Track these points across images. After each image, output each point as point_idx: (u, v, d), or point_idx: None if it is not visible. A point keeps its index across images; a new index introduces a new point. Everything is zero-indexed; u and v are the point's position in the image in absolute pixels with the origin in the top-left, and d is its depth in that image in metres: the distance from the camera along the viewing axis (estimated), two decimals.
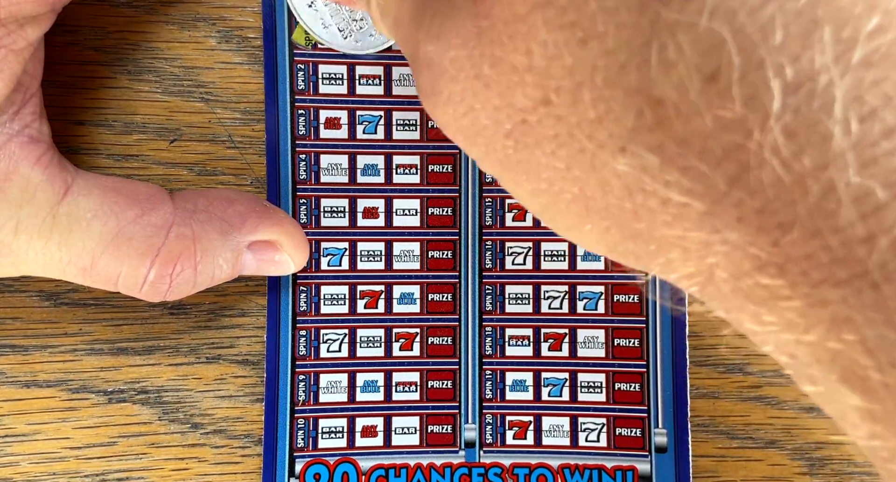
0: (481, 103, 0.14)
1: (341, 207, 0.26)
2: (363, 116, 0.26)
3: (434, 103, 0.16)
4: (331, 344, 0.26)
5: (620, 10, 0.12)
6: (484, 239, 0.27)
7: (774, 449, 0.27)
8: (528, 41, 0.13)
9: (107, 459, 0.26)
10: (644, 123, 0.12)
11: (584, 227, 0.14)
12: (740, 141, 0.11)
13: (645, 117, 0.12)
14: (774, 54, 0.11)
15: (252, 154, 0.26)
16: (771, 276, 0.12)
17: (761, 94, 0.11)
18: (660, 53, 0.11)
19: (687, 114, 0.11)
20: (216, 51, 0.26)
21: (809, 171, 0.11)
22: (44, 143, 0.22)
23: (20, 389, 0.26)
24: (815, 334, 0.12)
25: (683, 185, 0.12)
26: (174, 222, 0.23)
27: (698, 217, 0.12)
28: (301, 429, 0.26)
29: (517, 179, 0.15)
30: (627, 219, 0.13)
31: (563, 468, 0.26)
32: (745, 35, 0.11)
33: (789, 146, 0.11)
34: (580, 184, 0.13)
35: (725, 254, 0.12)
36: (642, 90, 0.12)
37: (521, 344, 0.27)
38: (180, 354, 0.26)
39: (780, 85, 0.11)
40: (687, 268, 0.13)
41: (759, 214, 0.11)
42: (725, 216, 0.12)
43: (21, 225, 0.21)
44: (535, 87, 0.13)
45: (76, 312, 0.26)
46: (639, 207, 0.13)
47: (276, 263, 0.25)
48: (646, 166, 0.12)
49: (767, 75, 0.11)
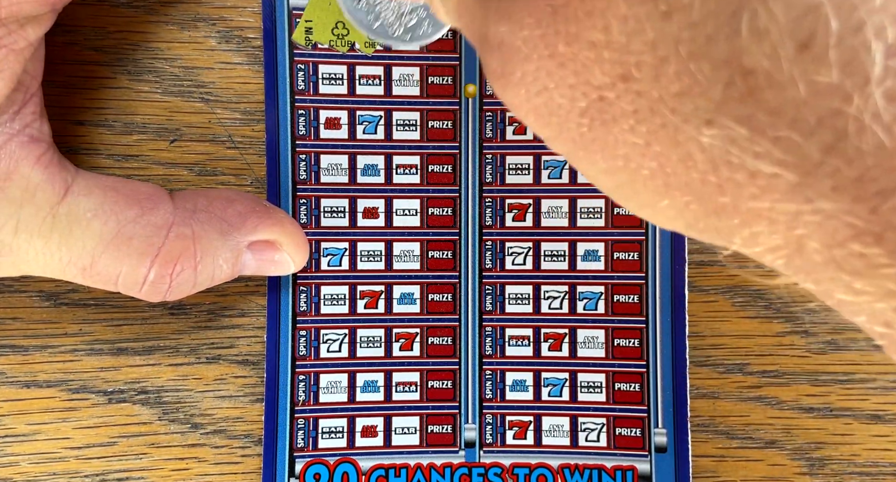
0: (556, 82, 0.14)
1: (341, 207, 0.26)
2: (363, 116, 0.26)
3: (505, 84, 0.16)
4: (331, 344, 0.26)
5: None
6: (484, 239, 0.27)
7: (774, 449, 0.27)
8: (606, 17, 0.13)
9: (107, 459, 0.26)
10: (733, 94, 0.12)
11: (661, 204, 0.14)
12: (838, 107, 0.11)
13: (734, 88, 0.12)
14: (875, 15, 0.10)
15: (252, 154, 0.26)
16: (867, 245, 0.11)
17: (861, 57, 0.10)
18: (751, 21, 0.11)
19: (780, 82, 0.11)
20: (216, 51, 0.26)
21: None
22: (44, 143, 0.22)
23: (20, 389, 0.26)
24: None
25: (774, 155, 0.12)
26: (174, 222, 0.23)
27: (789, 188, 0.12)
28: (301, 429, 0.26)
29: (591, 158, 0.15)
30: (711, 193, 0.13)
31: (563, 468, 0.26)
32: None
33: (891, 109, 0.10)
34: (660, 159, 0.13)
35: (818, 225, 0.12)
36: (732, 60, 0.11)
37: (521, 344, 0.27)
38: (180, 354, 0.26)
39: (881, 47, 0.10)
40: (774, 240, 0.13)
41: (856, 182, 0.11)
42: (819, 186, 0.11)
43: (21, 224, 0.21)
44: (613, 63, 0.13)
45: (76, 312, 0.26)
46: (724, 181, 0.12)
47: (276, 263, 0.25)
48: (734, 138, 0.12)
49: (867, 38, 0.10)
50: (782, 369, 0.27)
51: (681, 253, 0.27)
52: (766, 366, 0.27)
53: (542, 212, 0.27)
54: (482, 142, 0.27)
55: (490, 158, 0.27)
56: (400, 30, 0.25)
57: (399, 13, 0.25)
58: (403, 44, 0.26)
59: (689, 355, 0.27)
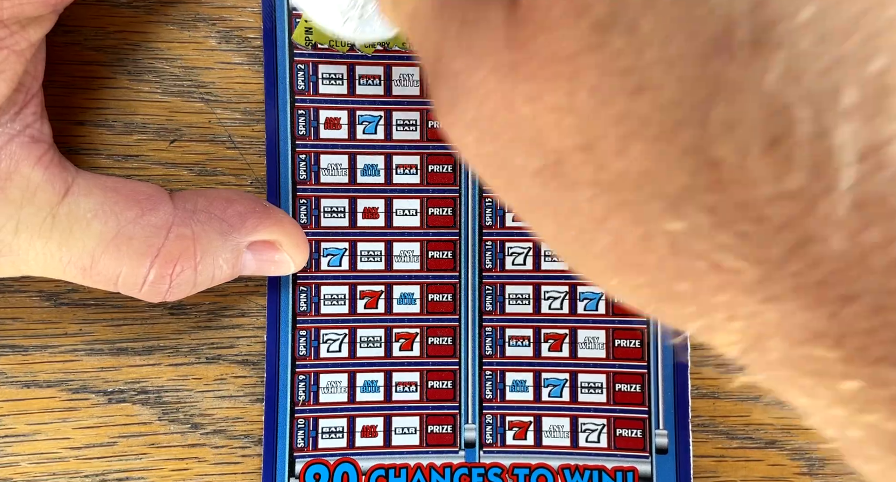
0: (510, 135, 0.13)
1: (341, 207, 0.26)
2: (363, 116, 0.26)
3: (452, 123, 0.14)
4: (331, 344, 0.26)
5: (682, 62, 0.11)
6: (484, 239, 0.27)
7: (774, 449, 0.27)
8: (572, 83, 0.12)
9: (107, 459, 0.26)
10: (699, 183, 0.11)
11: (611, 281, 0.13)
12: (803, 211, 0.10)
13: (700, 177, 0.11)
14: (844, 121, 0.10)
15: (252, 154, 0.26)
16: (826, 348, 0.11)
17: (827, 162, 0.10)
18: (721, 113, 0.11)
19: (745, 179, 0.11)
20: (216, 51, 0.26)
21: (877, 246, 0.10)
22: (45, 143, 0.22)
23: (20, 389, 0.26)
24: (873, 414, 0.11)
25: (739, 250, 0.11)
26: (174, 222, 0.23)
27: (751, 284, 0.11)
28: (301, 429, 0.26)
29: (541, 221, 0.14)
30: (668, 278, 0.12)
31: (563, 468, 0.26)
32: (814, 99, 0.10)
33: (856, 219, 0.10)
34: (616, 235, 0.13)
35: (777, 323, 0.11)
36: (699, 149, 0.11)
37: (521, 344, 0.27)
38: (180, 354, 0.26)
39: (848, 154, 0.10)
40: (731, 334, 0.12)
41: (818, 285, 0.11)
42: (781, 285, 0.11)
43: (21, 224, 0.21)
44: (575, 131, 0.12)
45: (76, 312, 0.26)
46: (684, 268, 0.12)
47: (276, 263, 0.25)
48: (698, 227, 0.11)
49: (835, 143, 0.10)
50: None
51: None
52: None
53: None
54: None
55: None
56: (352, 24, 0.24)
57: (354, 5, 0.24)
58: (355, 39, 0.25)
59: (689, 355, 0.27)
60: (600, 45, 0.11)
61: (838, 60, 0.10)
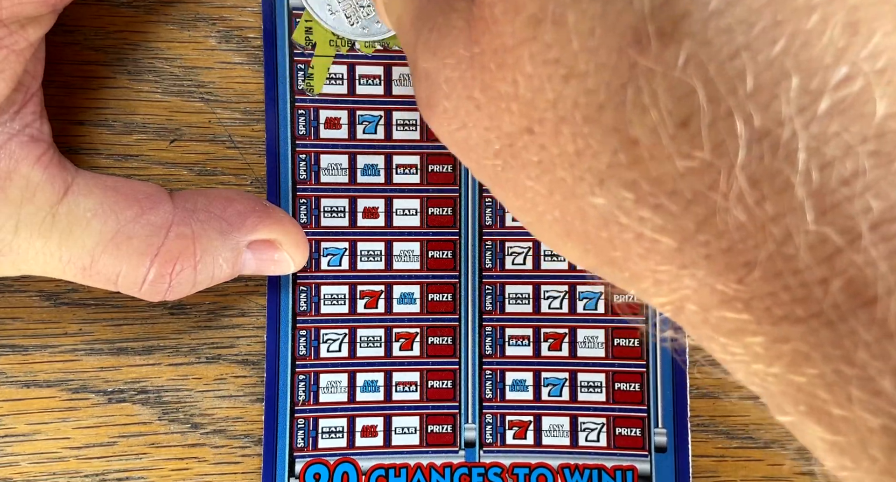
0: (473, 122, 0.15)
1: (341, 207, 0.26)
2: (363, 116, 0.26)
3: (430, 115, 0.16)
4: (331, 344, 0.26)
5: (601, 51, 0.12)
6: (484, 239, 0.27)
7: (774, 449, 0.27)
8: (514, 72, 0.13)
9: (107, 459, 0.26)
10: (620, 161, 0.12)
11: (565, 246, 0.15)
12: (709, 185, 0.11)
13: (620, 156, 0.12)
14: (743, 104, 0.11)
15: (252, 154, 0.26)
16: (737, 311, 0.12)
17: (728, 142, 0.11)
18: (635, 97, 0.12)
19: (659, 156, 0.12)
20: (216, 51, 0.26)
21: (771, 218, 0.11)
22: (44, 143, 0.22)
23: (20, 389, 0.26)
24: (778, 367, 0.12)
25: (655, 222, 0.12)
26: (174, 222, 0.23)
27: (669, 252, 0.12)
28: (301, 429, 0.26)
29: (505, 195, 0.16)
30: (604, 247, 0.14)
31: (563, 468, 0.26)
32: (716, 84, 0.11)
33: (753, 194, 0.11)
34: (560, 208, 0.14)
35: (695, 289, 0.13)
36: (619, 130, 0.12)
37: (521, 344, 0.27)
38: (180, 354, 0.26)
39: (746, 134, 0.11)
40: (659, 297, 0.14)
41: (725, 254, 0.12)
42: (694, 253, 0.12)
43: (21, 224, 0.21)
44: (520, 115, 0.14)
45: (76, 312, 0.26)
46: (614, 238, 0.13)
47: (276, 263, 0.25)
48: (621, 202, 0.13)
49: (735, 124, 0.11)
50: None
51: None
52: None
53: None
54: None
55: None
56: (357, 23, 0.25)
57: (357, 6, 0.25)
58: (361, 38, 0.26)
59: (688, 355, 0.27)
60: (533, 37, 0.13)
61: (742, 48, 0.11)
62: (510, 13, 0.13)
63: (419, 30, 0.16)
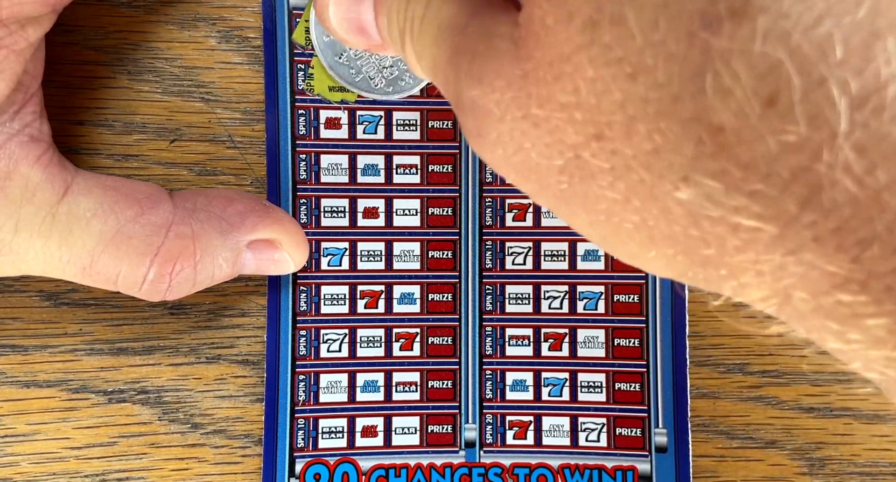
0: (531, 142, 0.15)
1: (341, 207, 0.26)
2: (363, 116, 0.26)
3: (482, 144, 0.16)
4: (331, 344, 0.26)
5: (668, 41, 0.12)
6: (484, 239, 0.27)
7: (774, 449, 0.27)
8: (574, 80, 0.13)
9: (107, 459, 0.26)
10: (704, 151, 0.12)
11: (648, 255, 0.14)
12: (809, 161, 0.11)
13: (705, 145, 0.12)
14: (836, 70, 0.10)
15: (252, 154, 0.26)
16: (853, 293, 0.11)
17: (826, 112, 0.10)
18: (715, 81, 0.11)
19: (749, 139, 0.11)
20: (216, 51, 0.26)
21: (885, 186, 0.10)
22: (44, 143, 0.22)
23: (20, 389, 0.26)
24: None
25: (752, 210, 0.12)
26: (174, 221, 0.23)
27: (770, 240, 0.12)
28: (301, 429, 0.26)
29: (574, 211, 0.15)
30: (694, 246, 0.13)
31: (563, 468, 0.26)
32: (803, 54, 0.10)
33: (861, 163, 0.10)
34: (641, 214, 0.13)
35: (802, 275, 0.12)
36: (700, 119, 0.12)
37: (521, 344, 0.27)
38: (180, 354, 0.26)
39: (845, 101, 0.10)
40: (762, 290, 0.13)
41: (835, 233, 0.11)
42: (799, 237, 0.12)
43: (21, 224, 0.21)
44: (585, 123, 0.13)
45: (76, 312, 0.26)
46: (706, 234, 0.13)
47: (276, 262, 0.25)
48: (710, 194, 0.12)
49: (831, 92, 0.10)
50: (782, 369, 0.27)
51: None
52: (767, 366, 0.27)
53: (542, 211, 0.27)
54: None
55: None
56: (382, 83, 0.25)
57: (380, 66, 0.25)
58: (385, 96, 0.26)
59: (689, 355, 0.27)
60: (591, 40, 0.12)
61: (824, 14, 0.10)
62: (564, 21, 0.13)
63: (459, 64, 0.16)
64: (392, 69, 0.26)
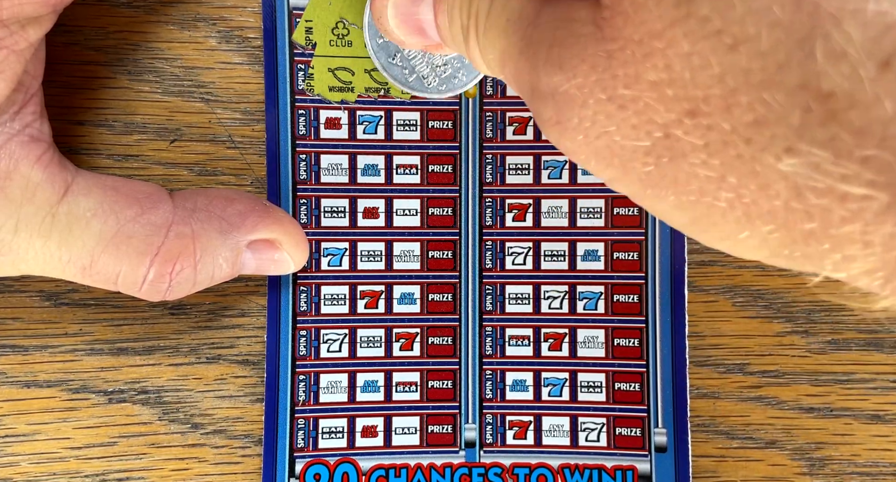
0: (616, 124, 0.14)
1: (341, 207, 0.26)
2: (363, 116, 0.26)
3: (562, 131, 0.16)
4: (331, 344, 0.26)
5: (772, 8, 0.11)
6: (484, 239, 0.27)
7: (774, 449, 0.27)
8: (667, 56, 0.13)
9: (107, 459, 0.26)
10: (813, 119, 0.11)
11: (741, 235, 0.14)
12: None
13: (813, 113, 0.11)
14: None
15: (252, 154, 0.26)
16: None
17: None
18: (825, 45, 0.11)
19: (864, 102, 0.11)
20: (216, 51, 0.26)
21: None
22: (44, 143, 0.22)
23: (20, 389, 0.26)
24: None
25: (864, 177, 0.11)
26: (174, 221, 0.23)
27: (882, 208, 0.12)
28: (301, 429, 0.26)
29: (660, 195, 0.15)
30: (796, 220, 0.13)
31: (563, 468, 0.26)
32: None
33: None
34: (737, 190, 0.13)
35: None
36: (808, 86, 0.11)
37: (521, 344, 0.27)
38: (180, 354, 0.26)
39: None
40: (869, 262, 0.12)
41: None
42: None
43: (21, 223, 0.21)
44: (678, 99, 0.13)
45: (76, 312, 0.26)
46: (810, 207, 0.12)
47: (276, 262, 0.25)
48: (817, 163, 0.12)
49: None
50: (782, 369, 0.27)
51: (681, 253, 0.27)
52: (767, 366, 0.27)
53: (542, 212, 0.27)
54: (482, 142, 0.27)
55: (490, 158, 0.27)
56: (435, 81, 0.25)
57: (433, 66, 0.25)
58: (439, 94, 0.26)
59: (689, 355, 0.27)
60: (687, 15, 0.12)
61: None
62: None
63: (534, 54, 0.16)
64: (445, 67, 0.26)
